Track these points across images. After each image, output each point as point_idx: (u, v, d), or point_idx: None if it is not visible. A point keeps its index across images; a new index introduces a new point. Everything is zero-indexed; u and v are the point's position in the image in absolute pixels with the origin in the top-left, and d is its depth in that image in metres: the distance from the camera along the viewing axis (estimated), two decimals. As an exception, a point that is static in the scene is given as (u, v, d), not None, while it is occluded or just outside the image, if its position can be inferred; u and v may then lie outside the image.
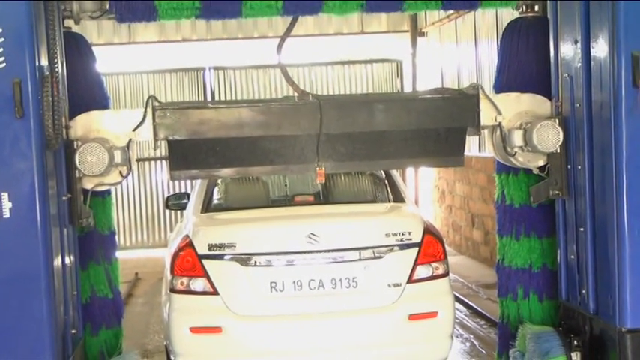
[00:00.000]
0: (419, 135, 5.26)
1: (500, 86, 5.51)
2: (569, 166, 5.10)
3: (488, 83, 11.98)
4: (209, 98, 14.65)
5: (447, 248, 6.11)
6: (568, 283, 5.20)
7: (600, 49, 4.66)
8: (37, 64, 4.26)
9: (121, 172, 5.04)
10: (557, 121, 5.10)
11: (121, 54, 14.18)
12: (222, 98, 14.69)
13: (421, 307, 5.50)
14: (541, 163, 5.29)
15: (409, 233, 5.55)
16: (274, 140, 5.13)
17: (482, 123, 5.24)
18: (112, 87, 14.51)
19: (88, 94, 5.24)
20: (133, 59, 14.37)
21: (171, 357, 5.64)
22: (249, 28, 14.43)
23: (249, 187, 6.65)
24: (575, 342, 4.96)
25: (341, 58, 14.91)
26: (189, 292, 5.41)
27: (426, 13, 14.56)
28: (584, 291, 4.96)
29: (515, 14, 5.49)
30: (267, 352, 5.37)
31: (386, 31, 14.90)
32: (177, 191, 14.26)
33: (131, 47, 14.22)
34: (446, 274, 5.74)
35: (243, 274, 5.35)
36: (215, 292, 5.36)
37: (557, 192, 5.16)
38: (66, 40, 5.01)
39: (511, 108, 5.30)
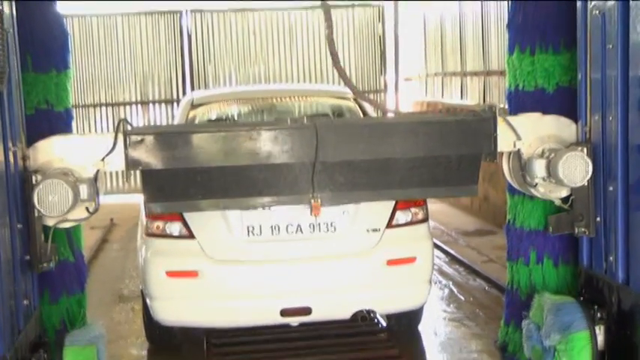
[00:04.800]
0: (428, 162, 4.65)
1: (515, 29, 4.94)
2: (596, 117, 4.39)
3: (470, 31, 11.93)
4: (186, 43, 14.13)
5: (427, 195, 6.11)
6: (591, 249, 4.57)
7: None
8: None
9: (87, 208, 4.31)
10: (585, 150, 4.41)
11: (94, -6, 13.42)
12: (200, 43, 14.14)
13: (400, 253, 5.28)
14: (564, 193, 4.64)
15: None
16: (264, 169, 4.48)
17: (499, 148, 4.60)
18: (85, 30, 13.65)
19: (45, 31, 4.60)
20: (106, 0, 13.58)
21: (147, 301, 5.34)
22: (228, -31, 14.28)
23: None
24: (599, 314, 4.36)
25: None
26: (165, 235, 5.17)
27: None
28: (611, 258, 4.32)
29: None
30: (244, 296, 5.15)
31: (368, -25, 14.75)
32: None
33: (105, -13, 13.52)
34: (425, 220, 5.46)
35: (220, 218, 5.12)
36: (191, 236, 5.15)
37: (583, 229, 4.51)
38: None
39: (532, 131, 4.63)
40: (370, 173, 4.67)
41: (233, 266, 5.21)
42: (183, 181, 4.52)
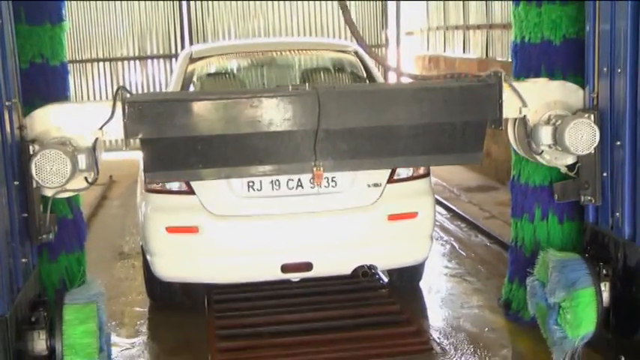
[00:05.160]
0: (432, 129, 4.57)
1: None
2: (605, 69, 4.27)
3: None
4: (186, 30, 13.84)
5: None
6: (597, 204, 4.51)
7: None
8: None
9: (86, 178, 4.21)
10: (592, 117, 4.31)
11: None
12: (201, 31, 13.92)
13: (401, 208, 5.25)
14: (570, 161, 4.58)
15: None
16: (265, 137, 4.39)
17: (504, 115, 4.50)
18: (81, 15, 13.53)
19: None
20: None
21: (148, 257, 5.32)
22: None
23: (226, 85, 6.42)
24: (605, 271, 4.30)
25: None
26: (164, 191, 5.13)
27: None
28: (618, 214, 4.27)
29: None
30: (244, 252, 5.13)
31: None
32: (152, 90, 14.11)
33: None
34: (426, 175, 5.41)
35: None
36: (191, 192, 5.10)
37: (589, 198, 4.46)
38: None
39: (538, 97, 4.54)
40: (373, 141, 4.58)
41: (233, 222, 5.18)
42: (183, 149, 4.43)
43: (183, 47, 13.61)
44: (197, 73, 6.25)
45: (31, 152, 3.97)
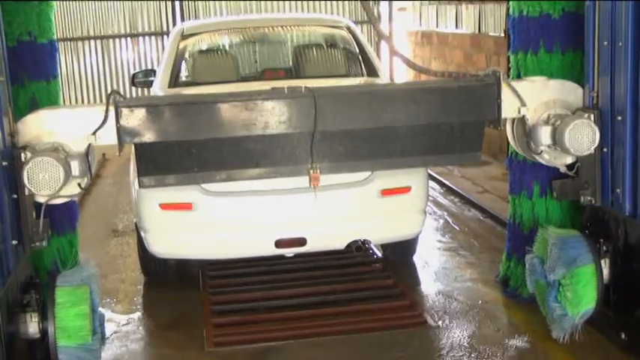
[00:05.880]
0: (430, 130, 4.52)
1: None
2: (605, 43, 4.17)
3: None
4: (178, 7, 13.47)
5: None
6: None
7: None
8: None
9: (79, 184, 4.12)
10: (592, 117, 4.23)
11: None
12: (192, 7, 13.59)
13: (394, 183, 5.20)
14: (569, 160, 4.51)
15: None
16: (260, 140, 4.33)
17: (503, 115, 4.44)
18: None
19: None
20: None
21: (142, 234, 5.27)
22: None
23: (219, 62, 6.25)
24: (605, 248, 4.25)
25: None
26: None
27: None
28: (618, 190, 4.20)
29: None
30: (238, 227, 5.08)
31: None
32: (144, 67, 14.03)
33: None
34: None
35: None
36: None
37: (589, 198, 4.40)
38: None
39: (537, 97, 4.47)
40: (370, 142, 4.54)
41: (227, 198, 5.13)
42: (178, 153, 4.36)
43: (174, 24, 13.48)
44: (189, 49, 6.19)
45: (23, 160, 3.86)
